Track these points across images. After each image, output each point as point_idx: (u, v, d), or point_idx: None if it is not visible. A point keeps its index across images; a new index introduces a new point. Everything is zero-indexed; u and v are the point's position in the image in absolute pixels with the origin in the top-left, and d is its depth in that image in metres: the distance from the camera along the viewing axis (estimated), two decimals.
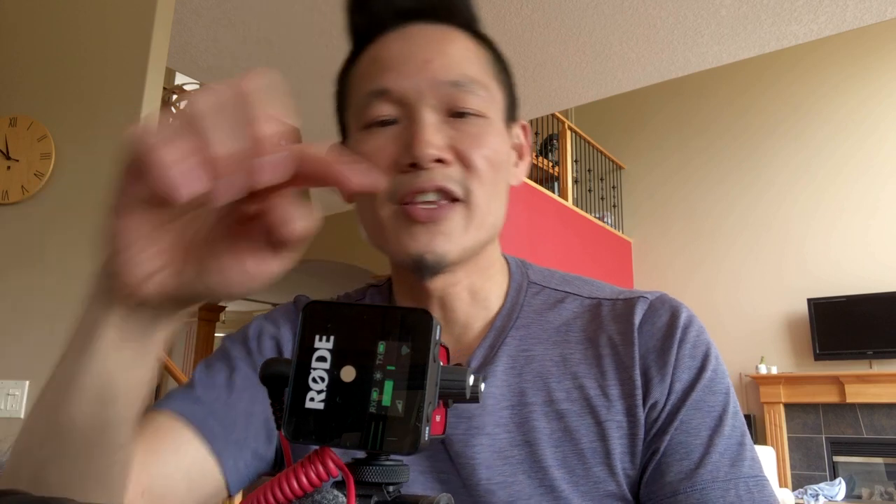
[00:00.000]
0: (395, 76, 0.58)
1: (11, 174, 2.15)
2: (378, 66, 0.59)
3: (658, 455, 0.56)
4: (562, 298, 0.65)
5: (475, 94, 0.58)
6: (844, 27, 3.21)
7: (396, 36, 0.60)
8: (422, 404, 0.26)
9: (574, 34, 3.33)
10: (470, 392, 0.30)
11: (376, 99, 0.58)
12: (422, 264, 0.57)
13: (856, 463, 5.43)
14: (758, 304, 5.91)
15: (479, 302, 0.63)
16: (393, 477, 0.28)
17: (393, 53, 0.59)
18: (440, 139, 0.56)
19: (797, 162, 6.01)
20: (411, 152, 0.55)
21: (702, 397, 0.57)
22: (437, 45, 0.59)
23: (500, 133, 0.61)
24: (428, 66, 0.57)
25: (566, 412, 0.57)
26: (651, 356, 0.58)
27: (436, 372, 0.27)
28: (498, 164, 0.59)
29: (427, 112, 0.57)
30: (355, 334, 0.27)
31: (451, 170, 0.57)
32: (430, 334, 0.27)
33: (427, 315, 0.27)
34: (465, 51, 0.60)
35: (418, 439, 0.26)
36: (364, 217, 0.61)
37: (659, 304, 0.61)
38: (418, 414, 0.26)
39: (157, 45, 2.21)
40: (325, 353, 0.27)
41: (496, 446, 0.57)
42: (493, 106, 0.60)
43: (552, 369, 0.60)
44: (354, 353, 0.27)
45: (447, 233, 0.57)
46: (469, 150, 0.57)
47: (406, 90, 0.57)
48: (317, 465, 0.28)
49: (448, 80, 0.57)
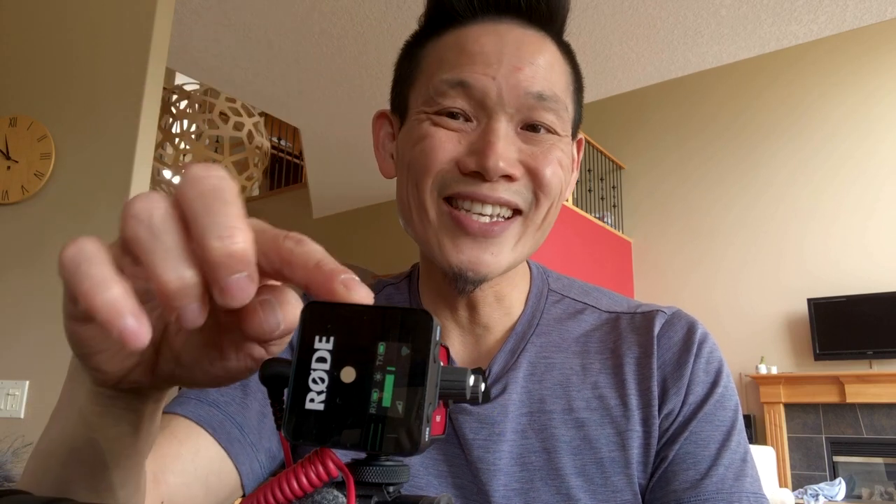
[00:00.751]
0: (481, 73, 0.55)
1: (11, 174, 2.15)
2: (464, 56, 0.56)
3: (666, 463, 0.56)
4: (581, 310, 0.65)
5: (555, 111, 0.57)
6: (844, 27, 3.21)
7: (489, 29, 0.57)
8: (422, 404, 0.26)
9: (574, 34, 3.32)
10: (470, 392, 0.30)
11: (453, 89, 0.56)
12: (463, 278, 0.56)
13: (856, 463, 5.43)
14: (758, 303, 5.90)
15: (504, 306, 0.63)
16: (393, 477, 0.28)
17: (483, 48, 0.56)
18: (512, 152, 0.55)
19: (796, 161, 6.01)
20: (481, 161, 0.54)
21: (713, 411, 0.57)
22: (529, 52, 0.57)
23: (567, 151, 0.60)
24: (517, 73, 0.55)
25: (586, 421, 0.57)
26: (668, 368, 0.59)
27: (436, 372, 0.27)
28: (562, 181, 0.58)
29: (504, 121, 0.55)
30: (355, 335, 0.27)
31: (519, 185, 0.56)
32: (429, 334, 0.27)
33: (427, 315, 0.27)
34: (554, 62, 0.58)
35: (419, 440, 0.26)
36: (403, 198, 0.59)
37: (676, 319, 0.62)
38: (418, 414, 0.26)
39: (157, 45, 2.21)
40: (325, 353, 0.27)
41: (515, 452, 0.57)
42: (567, 124, 0.59)
43: (572, 378, 0.60)
44: (354, 354, 0.27)
45: (497, 251, 0.56)
46: (540, 167, 0.56)
47: (489, 91, 0.55)
48: (317, 466, 0.28)
49: (534, 91, 0.55)
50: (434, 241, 0.57)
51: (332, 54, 3.46)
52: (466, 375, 0.30)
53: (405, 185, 0.59)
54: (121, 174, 2.08)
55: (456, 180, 0.55)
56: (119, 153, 2.10)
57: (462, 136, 0.56)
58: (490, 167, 0.53)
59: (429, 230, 0.57)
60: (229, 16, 3.11)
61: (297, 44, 3.34)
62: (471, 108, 0.56)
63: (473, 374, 0.30)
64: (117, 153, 2.11)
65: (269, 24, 3.18)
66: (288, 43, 3.34)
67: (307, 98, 3.90)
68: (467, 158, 0.54)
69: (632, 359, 0.60)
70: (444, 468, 0.59)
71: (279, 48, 3.38)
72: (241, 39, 3.29)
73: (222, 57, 3.44)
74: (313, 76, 3.77)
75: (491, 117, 0.55)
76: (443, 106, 0.56)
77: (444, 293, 0.62)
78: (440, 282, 0.62)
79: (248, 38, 3.29)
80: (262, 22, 3.17)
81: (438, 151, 0.55)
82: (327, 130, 4.38)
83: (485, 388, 0.59)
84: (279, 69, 3.60)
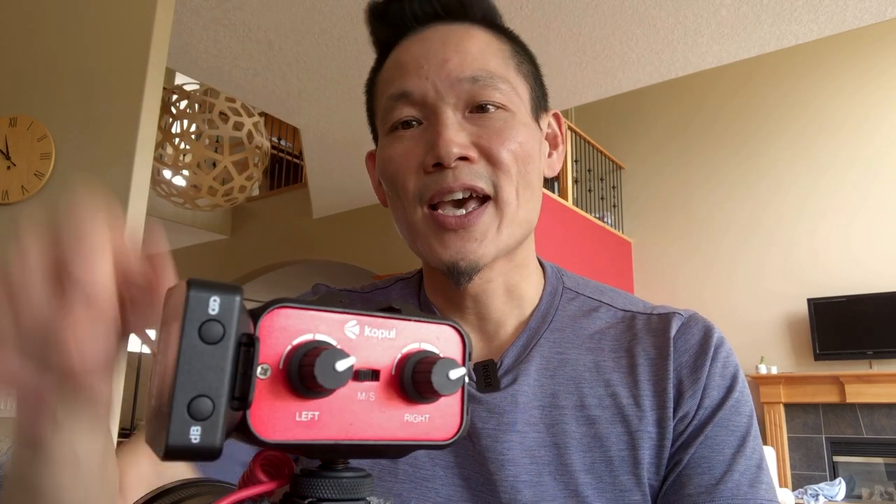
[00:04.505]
0: (414, 78, 0.58)
1: (11, 174, 2.15)
2: (399, 70, 0.60)
3: (680, 467, 0.56)
4: (596, 307, 0.65)
5: (496, 87, 0.58)
6: (845, 27, 3.21)
7: (415, 39, 0.61)
8: (173, 395, 0.22)
9: (574, 34, 3.33)
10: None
11: (398, 102, 0.59)
12: (456, 270, 0.57)
13: (856, 463, 5.43)
14: (757, 303, 5.90)
15: (515, 300, 0.63)
16: (342, 493, 0.26)
17: (412, 56, 0.60)
18: (463, 137, 0.57)
19: (799, 161, 6.01)
20: (435, 152, 0.56)
21: (728, 416, 0.57)
22: (453, 43, 0.59)
23: (527, 125, 0.60)
24: (445, 65, 0.58)
25: (597, 418, 0.57)
26: (684, 370, 0.59)
27: (201, 355, 0.23)
28: (525, 157, 0.59)
29: (447, 111, 0.57)
30: (166, 321, 0.26)
31: (477, 166, 0.57)
32: (185, 307, 0.23)
33: (191, 285, 0.23)
34: (484, 45, 0.60)
35: (165, 441, 0.22)
36: (399, 220, 0.62)
37: (693, 322, 0.62)
38: (170, 408, 0.22)
39: (157, 45, 2.21)
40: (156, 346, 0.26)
41: (525, 444, 0.57)
42: (516, 98, 0.60)
43: (585, 375, 0.60)
44: (161, 344, 0.25)
45: (479, 237, 0.57)
46: (493, 145, 0.57)
47: (425, 91, 0.58)
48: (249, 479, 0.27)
49: (466, 76, 0.57)
50: (423, 244, 0.59)
51: (332, 54, 3.46)
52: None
53: (395, 208, 0.61)
54: (121, 174, 2.08)
55: (427, 183, 0.57)
56: (119, 153, 2.10)
57: (419, 141, 0.58)
58: (443, 154, 0.55)
59: (418, 235, 0.59)
60: (229, 16, 3.10)
61: (297, 44, 3.34)
62: (418, 113, 0.59)
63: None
64: (117, 153, 2.11)
65: (269, 24, 3.18)
66: (288, 43, 3.34)
67: (307, 98, 3.90)
68: (427, 157, 0.57)
69: (647, 360, 0.60)
70: (450, 458, 0.58)
71: (279, 48, 3.38)
72: (241, 39, 3.29)
73: (222, 57, 3.44)
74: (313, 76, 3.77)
75: (436, 112, 0.57)
76: (395, 121, 0.59)
77: (449, 295, 0.63)
78: (443, 285, 0.63)
79: (248, 38, 3.28)
80: (262, 22, 3.16)
81: (403, 163, 0.58)
82: (327, 130, 4.38)
83: (493, 379, 0.59)
84: (279, 69, 3.59)
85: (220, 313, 0.23)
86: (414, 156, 0.58)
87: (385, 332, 0.27)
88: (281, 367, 0.25)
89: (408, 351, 0.28)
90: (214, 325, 0.23)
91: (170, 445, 0.22)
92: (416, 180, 0.58)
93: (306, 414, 0.25)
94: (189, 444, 0.22)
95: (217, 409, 0.23)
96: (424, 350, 0.28)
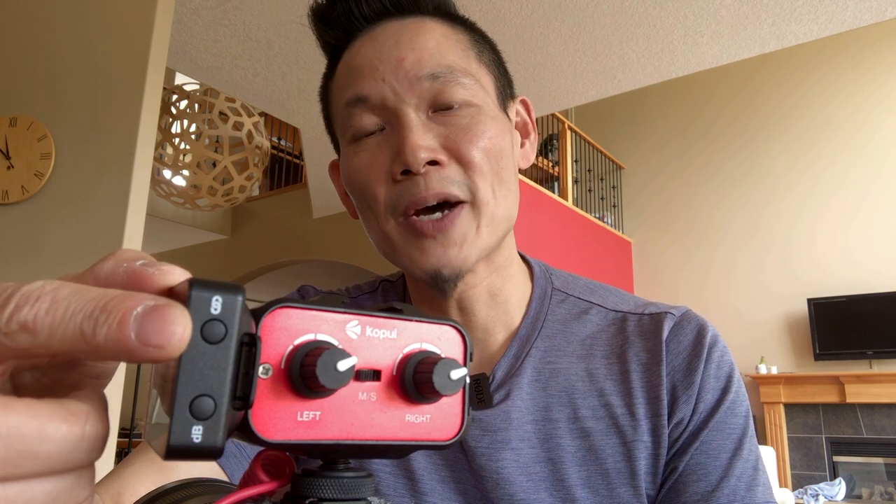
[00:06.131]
0: (370, 81, 0.54)
1: (11, 174, 2.15)
2: (352, 74, 0.56)
3: (676, 474, 0.55)
4: (586, 309, 0.62)
5: (458, 82, 0.55)
6: (845, 27, 3.21)
7: (366, 39, 0.57)
8: (174, 398, 0.22)
9: (574, 34, 3.33)
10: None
11: (355, 108, 0.55)
12: (439, 278, 0.54)
13: (856, 463, 5.43)
14: (758, 303, 5.90)
15: (500, 304, 0.60)
16: (342, 493, 0.26)
17: (365, 58, 0.56)
18: (429, 139, 0.53)
19: (799, 161, 6.01)
20: (401, 158, 0.52)
21: (724, 419, 0.56)
22: (407, 39, 0.55)
23: (496, 118, 0.57)
24: (402, 64, 0.54)
25: (591, 430, 0.56)
26: (678, 374, 0.57)
27: (200, 356, 0.22)
28: (498, 152, 0.55)
29: (409, 112, 0.54)
30: None
31: (448, 170, 0.53)
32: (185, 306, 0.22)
33: (193, 285, 0.23)
34: (441, 38, 0.56)
35: (166, 444, 0.22)
36: (372, 232, 0.58)
37: (685, 321, 0.60)
38: (171, 411, 0.22)
39: (157, 45, 2.21)
40: None
41: (520, 461, 0.55)
42: (481, 91, 0.56)
43: (577, 384, 0.58)
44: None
45: (459, 240, 0.54)
46: (462, 144, 0.54)
47: (383, 94, 0.54)
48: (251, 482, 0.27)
49: (425, 74, 0.54)
50: (403, 254, 0.56)
51: None
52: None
53: (366, 220, 0.58)
54: (121, 174, 2.08)
55: (399, 193, 0.54)
56: (119, 153, 2.10)
57: (384, 147, 0.55)
58: (410, 161, 0.52)
59: (395, 245, 0.56)
60: (229, 16, 3.10)
61: (297, 44, 3.34)
62: (379, 119, 0.55)
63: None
64: (117, 153, 2.11)
65: (269, 24, 3.18)
66: (288, 43, 3.33)
67: (307, 98, 3.90)
68: (394, 165, 0.53)
69: (639, 365, 0.58)
70: (446, 473, 0.57)
71: (279, 48, 3.38)
72: (241, 39, 3.29)
73: (222, 57, 3.44)
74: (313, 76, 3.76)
75: (397, 116, 0.54)
76: (355, 129, 0.56)
77: (435, 304, 0.60)
78: (427, 294, 0.60)
79: (248, 38, 3.28)
80: (262, 22, 3.16)
81: (370, 173, 0.55)
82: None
83: (486, 395, 0.58)
84: (279, 69, 3.59)
85: (222, 313, 0.23)
86: (380, 164, 0.54)
87: (386, 333, 0.27)
88: (282, 367, 0.25)
89: (409, 351, 0.28)
90: (216, 324, 0.23)
91: (171, 445, 0.22)
92: (387, 190, 0.54)
93: (308, 414, 0.25)
94: (191, 444, 0.22)
95: (219, 409, 0.23)
96: (426, 350, 0.28)
